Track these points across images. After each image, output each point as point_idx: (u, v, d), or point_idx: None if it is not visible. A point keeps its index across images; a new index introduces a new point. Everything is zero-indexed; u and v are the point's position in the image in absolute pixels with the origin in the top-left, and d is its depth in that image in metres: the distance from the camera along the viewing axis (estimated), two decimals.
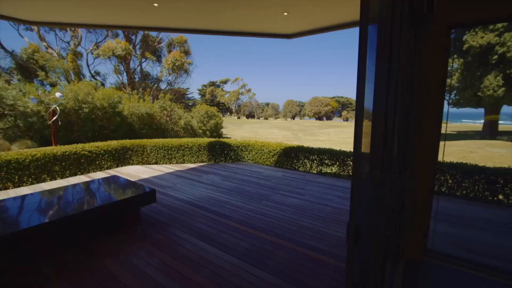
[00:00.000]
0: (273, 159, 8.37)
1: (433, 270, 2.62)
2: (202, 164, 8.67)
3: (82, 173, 7.22)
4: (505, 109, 21.07)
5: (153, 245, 3.48)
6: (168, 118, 16.01)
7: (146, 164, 8.57)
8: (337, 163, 7.14)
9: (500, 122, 21.82)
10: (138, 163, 8.50)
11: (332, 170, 7.28)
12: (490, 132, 21.14)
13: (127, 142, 8.47)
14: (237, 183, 6.40)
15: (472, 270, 2.57)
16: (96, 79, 24.62)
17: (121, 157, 8.22)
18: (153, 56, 26.65)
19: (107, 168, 7.81)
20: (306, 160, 7.75)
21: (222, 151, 8.91)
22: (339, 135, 25.15)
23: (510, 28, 17.26)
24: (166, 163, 8.65)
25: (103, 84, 24.05)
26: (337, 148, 7.96)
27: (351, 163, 6.94)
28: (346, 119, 63.19)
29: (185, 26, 5.47)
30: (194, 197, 5.36)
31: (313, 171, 7.61)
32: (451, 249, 3.31)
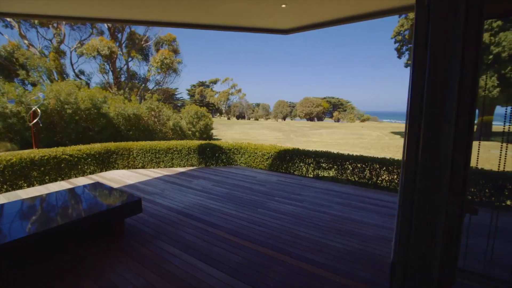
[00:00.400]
0: (267, 162, 8.07)
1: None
2: (192, 168, 8.29)
3: (62, 179, 6.75)
4: (499, 110, 21.31)
5: (138, 262, 3.12)
6: (156, 119, 15.48)
7: (132, 168, 8.13)
8: (335, 166, 6.89)
9: (494, 123, 22.06)
10: (123, 167, 8.05)
11: (329, 174, 7.02)
12: (485, 133, 21.30)
13: (111, 145, 8.00)
14: (229, 188, 6.07)
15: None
16: (80, 79, 23.77)
17: (105, 161, 7.76)
18: (139, 55, 25.93)
19: (90, 173, 7.34)
20: (301, 164, 7.46)
21: (213, 154, 8.55)
22: (331, 136, 25.11)
23: (505, 28, 17.20)
24: (153, 167, 8.23)
25: (88, 84, 23.25)
26: (331, 149, 7.73)
27: (349, 166, 6.69)
28: (337, 120, 63.49)
29: (177, 21, 5.09)
30: (183, 204, 5.01)
31: (309, 175, 7.33)
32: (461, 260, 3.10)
